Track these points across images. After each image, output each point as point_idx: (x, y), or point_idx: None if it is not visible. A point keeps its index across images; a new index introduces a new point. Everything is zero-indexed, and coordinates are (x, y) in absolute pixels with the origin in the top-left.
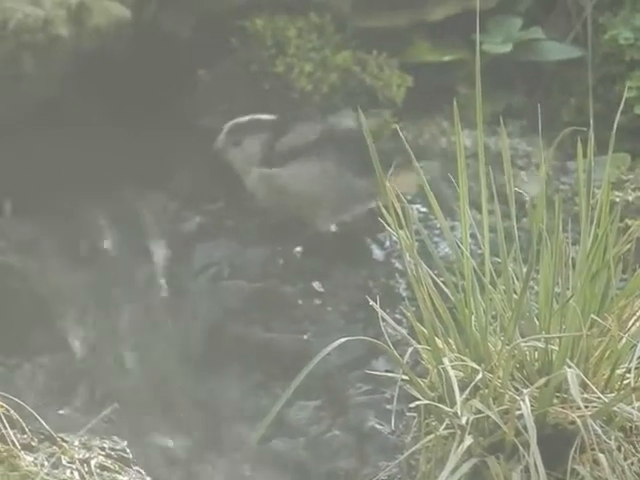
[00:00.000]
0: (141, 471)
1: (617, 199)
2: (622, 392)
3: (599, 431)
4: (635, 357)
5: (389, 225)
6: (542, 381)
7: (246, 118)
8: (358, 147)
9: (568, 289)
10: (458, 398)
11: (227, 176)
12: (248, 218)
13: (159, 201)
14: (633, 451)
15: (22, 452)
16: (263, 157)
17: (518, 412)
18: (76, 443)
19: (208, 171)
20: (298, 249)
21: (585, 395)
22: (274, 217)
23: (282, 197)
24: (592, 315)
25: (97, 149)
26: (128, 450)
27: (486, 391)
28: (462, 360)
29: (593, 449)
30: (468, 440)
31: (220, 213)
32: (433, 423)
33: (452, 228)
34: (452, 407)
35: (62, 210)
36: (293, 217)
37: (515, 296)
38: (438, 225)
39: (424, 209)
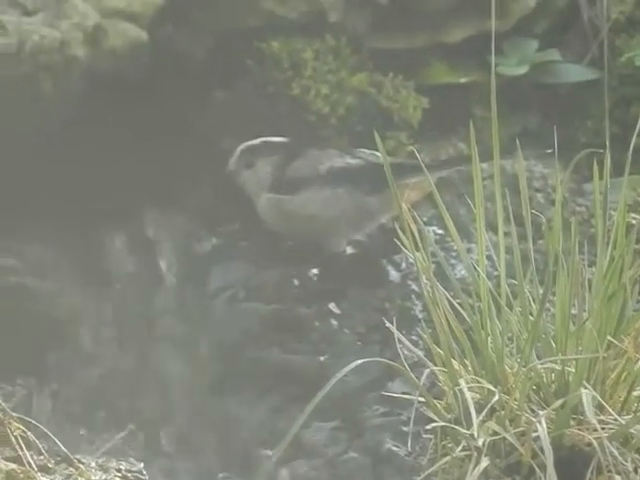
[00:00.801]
0: None
1: (633, 221)
2: (638, 414)
3: (615, 453)
4: None
5: (405, 247)
6: (558, 403)
7: (258, 141)
8: (367, 170)
9: (584, 311)
10: (474, 420)
11: (242, 197)
12: (263, 240)
13: (175, 222)
14: None
15: (39, 474)
16: (274, 182)
17: (535, 434)
18: (93, 465)
19: (223, 192)
20: (314, 271)
21: (601, 417)
22: (289, 239)
23: (292, 222)
24: (608, 337)
25: (113, 170)
26: (144, 472)
27: (502, 413)
28: (478, 382)
29: (609, 471)
30: (485, 462)
31: (235, 235)
32: (449, 445)
33: (468, 250)
34: (468, 429)
35: (77, 231)
36: (306, 239)
37: (531, 318)
38: (455, 247)
39: (440, 231)
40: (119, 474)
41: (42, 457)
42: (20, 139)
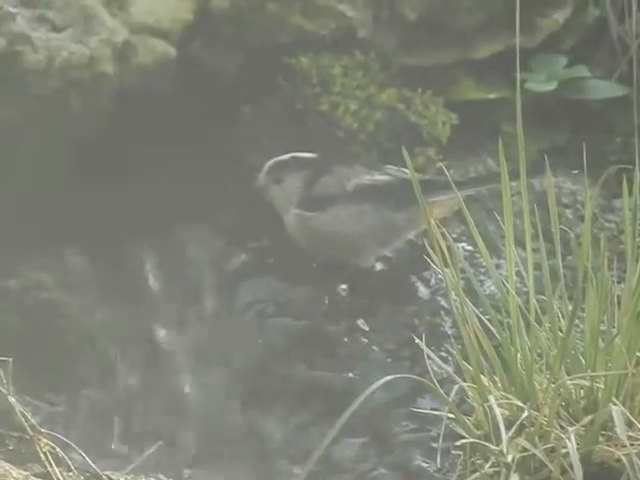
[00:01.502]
0: None
1: None
2: None
3: None
4: None
5: (435, 263)
6: (588, 419)
7: (287, 156)
8: (394, 187)
9: (614, 327)
10: (504, 436)
11: (270, 213)
12: (292, 256)
13: (203, 238)
14: None
15: None
16: (301, 198)
17: (564, 450)
18: None
19: (252, 208)
20: (343, 287)
21: (631, 433)
22: (317, 255)
23: (318, 238)
24: (638, 353)
25: (142, 186)
26: None
27: (532, 429)
28: (508, 398)
29: None
30: (514, 478)
31: (264, 251)
32: (479, 461)
33: (497, 266)
34: (498, 445)
35: (107, 246)
36: (333, 256)
37: (561, 334)
38: (484, 263)
39: (470, 247)
40: None
41: (71, 473)
42: (49, 155)
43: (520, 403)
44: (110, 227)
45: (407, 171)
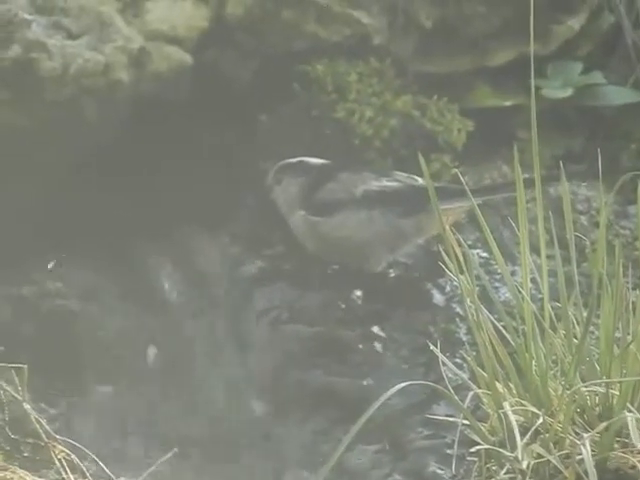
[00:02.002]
0: None
1: None
2: None
3: None
4: None
5: (450, 270)
6: (603, 426)
7: (295, 160)
8: (403, 193)
9: (629, 334)
10: (519, 442)
11: (285, 220)
12: (306, 263)
13: (219, 245)
14: None
15: None
16: (307, 201)
17: (579, 457)
18: None
19: (267, 215)
20: (357, 293)
21: None
22: (331, 262)
23: (326, 243)
24: None
25: (158, 192)
26: None
27: (547, 436)
28: (522, 405)
29: None
30: None
31: (279, 257)
32: (494, 468)
33: (512, 273)
34: (513, 452)
35: (122, 254)
36: (342, 261)
37: (575, 341)
38: (499, 270)
39: (485, 254)
40: None
41: None
42: (64, 162)
43: (535, 410)
44: (125, 234)
45: (417, 178)
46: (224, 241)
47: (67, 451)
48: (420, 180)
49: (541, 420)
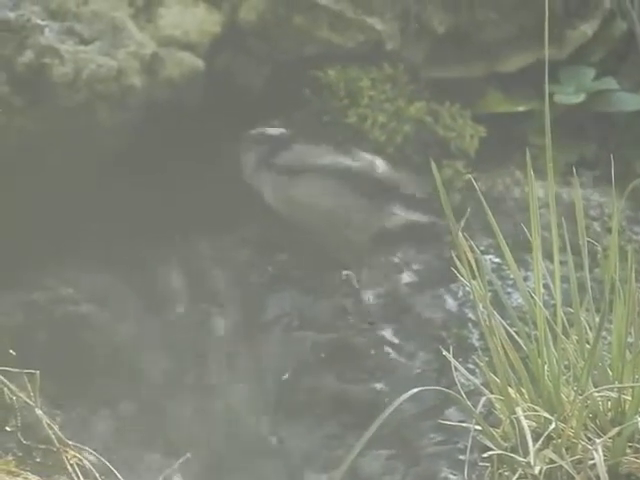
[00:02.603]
0: None
1: None
2: None
3: None
4: None
5: (462, 275)
6: (615, 431)
7: (255, 131)
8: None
9: None
10: (531, 448)
11: (294, 226)
12: (317, 269)
13: (230, 251)
14: None
15: None
16: (270, 165)
17: (591, 462)
18: None
19: (279, 221)
20: (370, 298)
21: None
22: (339, 264)
23: (297, 208)
24: None
25: (169, 198)
26: None
27: (559, 441)
28: (535, 410)
29: None
30: None
31: (289, 263)
32: (506, 473)
33: (525, 278)
34: (525, 457)
35: (133, 259)
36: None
37: (588, 346)
38: (511, 275)
39: (497, 259)
40: None
41: None
42: (76, 167)
43: (547, 415)
44: (137, 239)
45: (377, 165)
46: (235, 247)
47: (79, 456)
48: (380, 169)
49: (553, 425)
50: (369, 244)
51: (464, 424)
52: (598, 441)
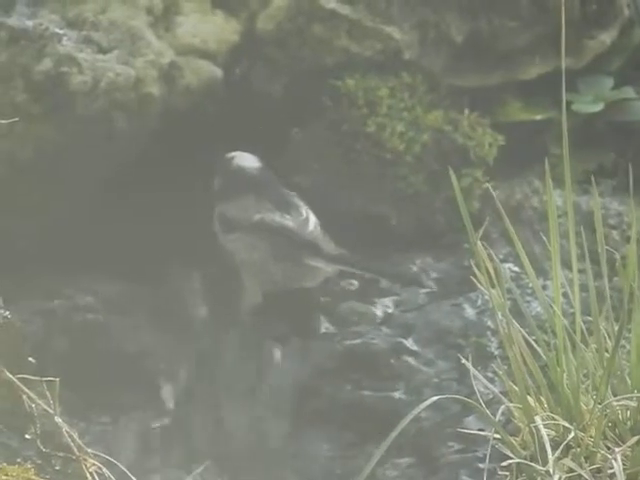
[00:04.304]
0: None
1: None
2: None
3: None
4: None
5: (481, 284)
6: (634, 440)
7: (230, 155)
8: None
9: None
10: (550, 457)
11: None
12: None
13: None
14: None
15: None
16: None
17: (610, 471)
18: None
19: None
20: (389, 307)
21: None
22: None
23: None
24: None
25: (188, 207)
26: None
27: (578, 450)
28: (554, 419)
29: None
30: None
31: None
32: None
33: (544, 287)
34: (544, 466)
35: (151, 269)
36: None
37: (607, 355)
38: (530, 284)
39: (516, 268)
40: None
41: None
42: (94, 176)
43: (566, 424)
44: (155, 250)
45: (310, 224)
46: None
47: (98, 464)
48: (310, 227)
49: (572, 434)
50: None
51: (483, 432)
52: (617, 450)
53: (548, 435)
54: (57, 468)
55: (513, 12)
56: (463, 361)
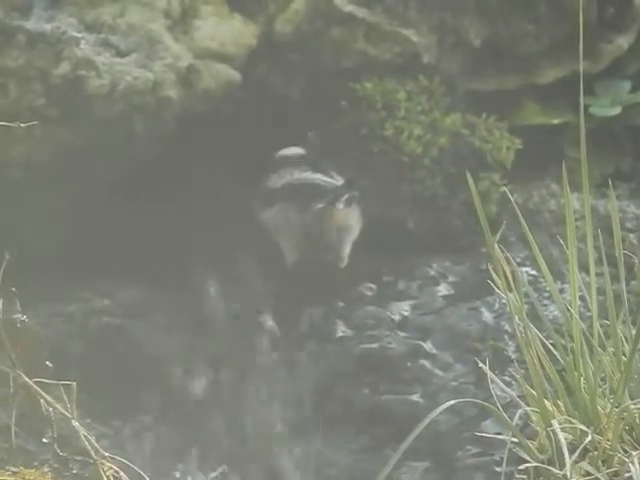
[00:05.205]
0: None
1: None
2: None
3: None
4: None
5: (499, 288)
6: None
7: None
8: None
9: None
10: (567, 460)
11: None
12: (350, 280)
13: (267, 263)
14: None
15: None
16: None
17: (627, 474)
18: None
19: None
20: (405, 310)
21: None
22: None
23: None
24: None
25: (205, 211)
26: None
27: (595, 453)
28: (571, 422)
29: None
30: None
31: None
32: None
33: (561, 291)
34: (561, 469)
35: (170, 272)
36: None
37: (624, 358)
38: (547, 288)
39: (533, 272)
40: None
41: None
42: (111, 179)
43: (583, 427)
44: (174, 253)
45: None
46: (271, 258)
47: (116, 468)
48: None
49: (590, 438)
50: None
51: (500, 436)
52: (634, 453)
53: (565, 439)
54: (74, 472)
55: (532, 16)
56: (480, 365)
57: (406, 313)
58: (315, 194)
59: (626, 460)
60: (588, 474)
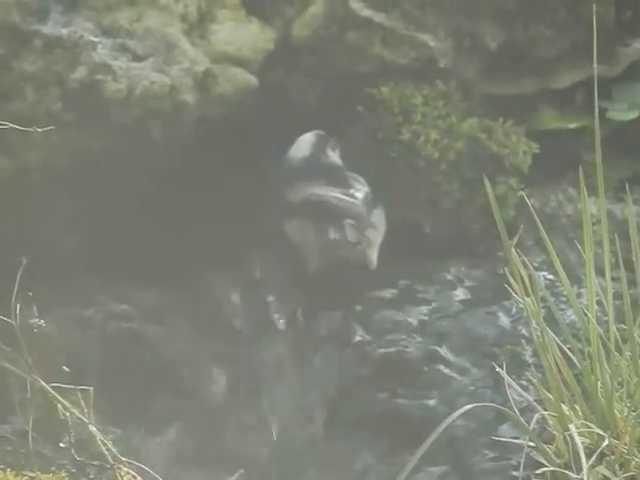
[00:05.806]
0: None
1: None
2: None
3: None
4: None
5: (516, 292)
6: None
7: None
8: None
9: None
10: (584, 465)
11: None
12: (369, 284)
13: (284, 268)
14: None
15: None
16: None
17: None
18: None
19: None
20: (422, 314)
21: None
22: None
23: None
24: None
25: (224, 215)
26: None
27: (612, 458)
28: (588, 427)
29: None
30: None
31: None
32: None
33: (578, 295)
34: (578, 474)
35: (188, 277)
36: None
37: None
38: (564, 292)
39: (551, 276)
40: None
41: None
42: (130, 184)
43: (601, 431)
44: (192, 258)
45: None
46: (288, 264)
47: (133, 473)
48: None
49: (607, 442)
50: None
51: (517, 441)
52: None
53: (582, 443)
54: (91, 477)
55: (549, 20)
56: (497, 369)
57: (423, 317)
58: (332, 214)
59: None
60: (605, 478)
